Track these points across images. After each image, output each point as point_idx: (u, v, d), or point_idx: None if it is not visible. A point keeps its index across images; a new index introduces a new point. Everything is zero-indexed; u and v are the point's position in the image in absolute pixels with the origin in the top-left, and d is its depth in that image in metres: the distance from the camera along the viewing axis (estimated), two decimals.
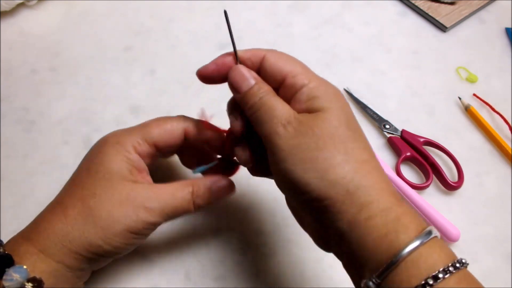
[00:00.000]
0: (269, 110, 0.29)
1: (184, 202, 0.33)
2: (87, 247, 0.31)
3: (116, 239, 0.31)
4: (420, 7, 0.61)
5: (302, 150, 0.28)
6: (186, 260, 0.41)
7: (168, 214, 0.33)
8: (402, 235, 0.26)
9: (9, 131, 0.49)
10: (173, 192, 0.33)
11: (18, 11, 0.60)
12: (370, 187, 0.27)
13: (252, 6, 0.62)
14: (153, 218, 0.32)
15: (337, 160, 0.28)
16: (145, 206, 0.31)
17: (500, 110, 0.51)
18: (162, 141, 0.34)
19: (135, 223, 0.31)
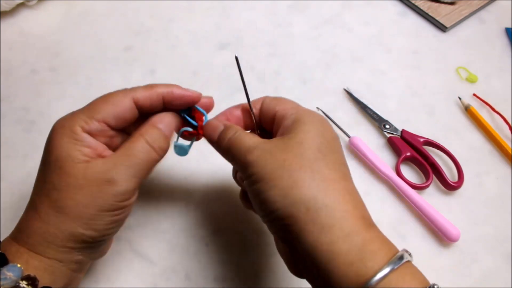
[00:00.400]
0: (237, 145, 0.31)
1: (143, 154, 0.31)
2: (71, 238, 0.30)
3: (95, 222, 0.30)
4: (420, 7, 0.61)
5: (269, 171, 0.29)
6: (186, 260, 0.41)
7: (134, 175, 0.30)
8: (370, 262, 0.25)
9: (9, 131, 0.49)
10: (128, 153, 0.31)
11: (18, 11, 0.60)
12: (333, 208, 0.27)
13: (252, 6, 0.62)
14: (120, 187, 0.30)
15: (301, 178, 0.28)
16: (106, 179, 0.30)
17: (500, 110, 0.51)
18: (111, 116, 0.32)
19: (104, 200, 0.30)
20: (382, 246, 0.27)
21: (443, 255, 0.42)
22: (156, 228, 0.42)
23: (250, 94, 0.53)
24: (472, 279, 0.41)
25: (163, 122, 0.33)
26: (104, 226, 0.30)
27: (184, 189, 0.45)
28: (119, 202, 0.30)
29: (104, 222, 0.30)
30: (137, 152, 0.31)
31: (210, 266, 0.40)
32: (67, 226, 0.30)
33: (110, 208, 0.30)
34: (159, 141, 0.32)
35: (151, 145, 0.32)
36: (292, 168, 0.28)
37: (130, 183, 0.30)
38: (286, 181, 0.28)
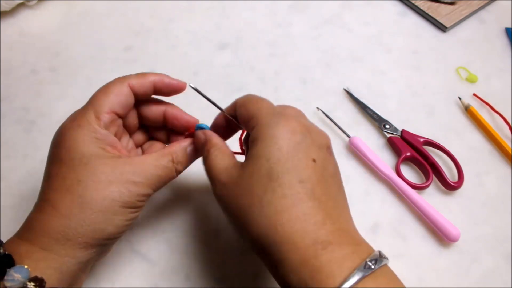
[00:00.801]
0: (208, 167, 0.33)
1: (167, 170, 0.34)
2: (92, 234, 0.30)
3: (117, 217, 0.31)
4: (420, 7, 0.61)
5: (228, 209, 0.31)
6: (186, 260, 0.41)
7: (155, 184, 0.33)
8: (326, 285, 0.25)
9: (9, 131, 0.49)
10: (155, 164, 0.33)
11: (18, 11, 0.60)
12: (282, 244, 0.27)
13: (252, 6, 0.62)
14: (143, 190, 0.32)
15: (252, 218, 0.28)
16: (133, 180, 0.32)
17: (500, 110, 0.51)
18: (117, 105, 0.34)
19: (129, 198, 0.31)
20: (337, 268, 0.26)
21: (443, 255, 0.42)
22: (156, 228, 0.42)
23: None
24: (472, 279, 0.41)
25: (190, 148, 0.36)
26: (124, 223, 0.32)
27: (184, 189, 0.45)
28: (139, 202, 0.32)
29: (124, 218, 0.31)
30: (163, 167, 0.33)
31: (210, 266, 0.40)
32: (90, 221, 0.30)
33: (132, 205, 0.32)
34: (181, 165, 0.35)
35: (174, 165, 0.34)
36: (244, 206, 0.29)
37: (150, 190, 0.33)
38: (242, 220, 0.29)
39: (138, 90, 0.35)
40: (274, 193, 0.28)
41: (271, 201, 0.28)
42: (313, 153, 0.30)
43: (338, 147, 0.49)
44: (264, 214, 0.28)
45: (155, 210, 0.43)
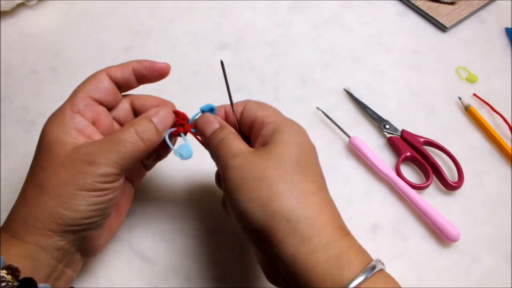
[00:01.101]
0: (225, 147, 0.32)
1: (130, 143, 0.32)
2: (52, 219, 0.30)
3: (75, 202, 0.30)
4: (420, 7, 0.61)
5: (247, 180, 0.29)
6: (186, 260, 0.41)
7: (116, 160, 0.31)
8: (346, 270, 0.26)
9: (9, 131, 0.49)
10: (114, 139, 0.32)
11: (18, 11, 0.60)
12: (312, 219, 0.28)
13: (252, 6, 0.62)
14: (100, 170, 0.30)
15: (280, 190, 0.28)
16: (89, 160, 0.30)
17: (500, 110, 0.51)
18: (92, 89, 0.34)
19: (84, 180, 0.30)
20: (357, 255, 0.28)
21: (443, 255, 0.42)
22: (156, 228, 0.42)
23: (251, 94, 0.53)
24: (472, 279, 0.41)
25: (157, 116, 0.34)
26: (85, 207, 0.30)
27: (184, 189, 0.45)
28: (99, 184, 0.30)
29: (85, 202, 0.30)
30: (124, 141, 0.32)
31: (210, 266, 0.40)
32: (48, 206, 0.30)
33: (90, 188, 0.30)
34: (148, 133, 0.33)
35: (140, 136, 0.32)
36: (271, 180, 0.29)
37: (110, 168, 0.31)
38: (265, 193, 0.28)
39: (116, 76, 0.35)
40: (304, 175, 0.30)
41: (301, 180, 0.29)
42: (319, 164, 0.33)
43: (338, 147, 0.49)
44: (293, 189, 0.29)
45: (155, 210, 0.43)
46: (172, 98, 0.39)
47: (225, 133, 0.33)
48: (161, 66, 0.36)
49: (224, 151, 0.32)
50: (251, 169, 0.30)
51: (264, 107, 0.35)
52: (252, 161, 0.30)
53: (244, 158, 0.31)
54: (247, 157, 0.31)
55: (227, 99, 0.36)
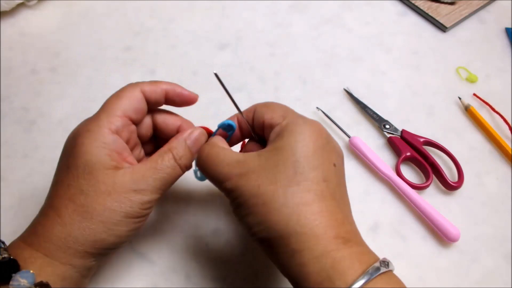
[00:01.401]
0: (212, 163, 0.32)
1: (170, 169, 0.33)
2: (93, 244, 0.30)
3: (119, 228, 0.31)
4: (420, 7, 0.61)
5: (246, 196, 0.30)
6: (186, 260, 0.41)
7: (160, 187, 0.32)
8: (338, 281, 0.26)
9: (9, 131, 0.49)
10: (155, 166, 0.32)
11: (18, 11, 0.60)
12: (304, 233, 0.28)
13: (252, 6, 0.62)
14: (146, 197, 0.31)
15: (274, 206, 0.29)
16: (134, 189, 0.31)
17: (500, 110, 0.51)
18: (130, 109, 0.34)
19: (131, 208, 0.31)
20: (354, 263, 0.27)
21: (443, 255, 0.42)
22: (156, 228, 0.42)
23: (251, 94, 0.53)
24: (472, 279, 0.41)
25: (191, 139, 0.34)
26: (126, 233, 0.31)
27: (184, 189, 0.45)
28: (143, 210, 0.32)
29: (127, 228, 0.31)
30: (165, 167, 0.33)
31: (210, 266, 0.40)
32: (91, 231, 0.30)
33: (135, 215, 0.31)
34: (185, 158, 0.34)
35: (178, 162, 0.33)
36: (266, 194, 0.29)
37: (155, 194, 0.32)
38: (261, 208, 0.29)
39: (150, 96, 0.35)
40: (300, 187, 0.29)
41: (296, 192, 0.29)
42: (333, 158, 0.32)
43: None
44: (287, 203, 0.28)
45: (155, 210, 0.43)
46: None
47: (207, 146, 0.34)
48: (190, 96, 0.36)
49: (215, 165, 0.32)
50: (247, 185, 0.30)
51: (271, 108, 0.34)
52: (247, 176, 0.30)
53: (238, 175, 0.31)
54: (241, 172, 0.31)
55: (227, 99, 0.36)
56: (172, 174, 0.33)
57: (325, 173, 0.30)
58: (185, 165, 0.34)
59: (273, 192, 0.29)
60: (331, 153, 0.32)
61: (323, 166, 0.30)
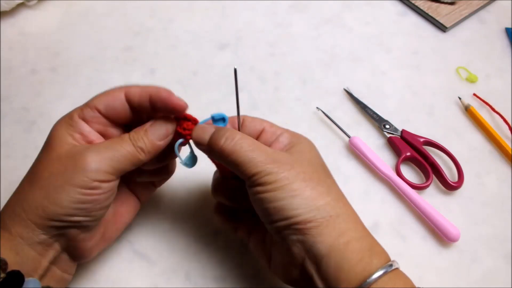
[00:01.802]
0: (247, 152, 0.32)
1: (124, 150, 0.32)
2: (35, 211, 0.30)
3: (59, 196, 0.30)
4: (420, 7, 0.61)
5: (290, 180, 0.31)
6: (186, 260, 0.41)
7: (110, 164, 0.31)
8: (375, 260, 0.30)
9: (9, 131, 0.49)
10: (109, 145, 0.32)
11: (18, 11, 0.60)
12: (348, 216, 0.32)
13: (252, 6, 0.62)
14: (93, 165, 0.31)
15: (321, 191, 0.31)
16: (83, 156, 0.31)
17: (500, 110, 0.51)
18: (102, 103, 0.34)
19: (72, 174, 0.30)
20: (382, 249, 0.31)
21: (443, 255, 0.42)
22: (156, 228, 0.42)
23: (251, 94, 0.53)
24: (472, 279, 0.41)
25: (153, 126, 0.34)
26: (69, 204, 0.30)
27: (185, 189, 0.45)
28: (88, 180, 0.30)
29: (69, 198, 0.30)
30: (118, 146, 0.32)
31: (210, 266, 0.40)
32: (35, 197, 0.30)
33: (77, 184, 0.30)
34: (142, 142, 0.33)
35: (134, 143, 0.33)
36: (312, 181, 0.31)
37: (102, 167, 0.31)
38: (310, 192, 0.31)
39: (133, 97, 0.34)
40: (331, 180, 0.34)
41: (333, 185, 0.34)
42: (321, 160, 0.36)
43: (338, 147, 0.49)
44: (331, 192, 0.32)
45: (155, 210, 0.43)
46: None
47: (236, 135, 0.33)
48: (178, 102, 0.34)
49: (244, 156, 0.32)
50: (290, 170, 0.31)
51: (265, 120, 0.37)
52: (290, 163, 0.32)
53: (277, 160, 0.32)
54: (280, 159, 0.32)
55: (227, 99, 0.36)
56: (125, 154, 0.32)
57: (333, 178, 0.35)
58: (142, 148, 0.33)
59: (318, 180, 0.32)
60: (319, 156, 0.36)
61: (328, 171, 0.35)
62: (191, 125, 0.35)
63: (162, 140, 0.34)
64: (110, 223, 0.36)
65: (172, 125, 0.34)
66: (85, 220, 0.32)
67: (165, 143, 0.34)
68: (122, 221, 0.37)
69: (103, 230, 0.35)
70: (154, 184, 0.40)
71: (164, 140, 0.34)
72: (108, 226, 0.36)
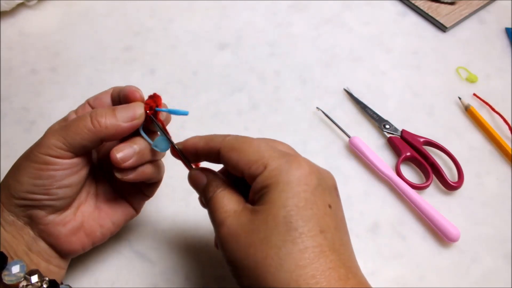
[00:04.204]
0: (212, 210, 0.30)
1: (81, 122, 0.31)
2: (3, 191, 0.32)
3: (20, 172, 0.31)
4: (420, 7, 0.61)
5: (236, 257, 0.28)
6: (186, 260, 0.41)
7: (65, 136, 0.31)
8: None
9: (9, 131, 0.49)
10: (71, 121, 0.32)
11: (18, 11, 0.60)
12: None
13: (252, 6, 0.62)
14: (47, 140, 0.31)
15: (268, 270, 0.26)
16: (44, 136, 0.32)
17: (500, 110, 0.51)
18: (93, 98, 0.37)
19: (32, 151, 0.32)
20: None
21: (443, 255, 0.42)
22: (156, 228, 0.42)
23: (251, 94, 0.53)
24: (472, 279, 0.41)
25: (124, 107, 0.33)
26: (27, 180, 0.31)
27: (184, 188, 0.45)
28: (41, 154, 0.31)
29: (27, 173, 0.31)
30: (76, 122, 0.32)
31: (210, 266, 0.40)
32: (6, 179, 0.33)
33: (33, 159, 0.31)
34: (101, 115, 0.32)
35: (92, 117, 0.32)
36: (257, 257, 0.26)
37: (55, 143, 0.31)
38: (253, 273, 0.26)
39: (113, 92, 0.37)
40: (295, 245, 0.26)
41: (290, 253, 0.26)
42: (328, 198, 0.28)
43: (338, 147, 0.49)
44: (283, 268, 0.25)
45: (155, 210, 0.43)
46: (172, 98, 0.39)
47: (211, 191, 0.31)
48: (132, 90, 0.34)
49: (212, 215, 0.30)
50: (237, 245, 0.27)
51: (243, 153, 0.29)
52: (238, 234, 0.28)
53: (230, 230, 0.28)
54: (232, 228, 0.28)
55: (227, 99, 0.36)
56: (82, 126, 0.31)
57: (320, 222, 0.27)
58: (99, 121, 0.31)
59: (265, 255, 0.26)
60: (324, 194, 0.28)
61: (317, 214, 0.27)
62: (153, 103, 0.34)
63: (127, 122, 0.32)
64: (91, 217, 0.35)
65: (140, 108, 0.33)
66: (45, 199, 0.32)
67: (130, 125, 0.32)
68: (107, 220, 0.36)
69: (80, 221, 0.34)
70: (146, 194, 0.38)
71: (130, 123, 0.32)
72: (88, 219, 0.35)
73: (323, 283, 0.25)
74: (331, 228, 0.27)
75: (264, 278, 0.26)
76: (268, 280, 0.26)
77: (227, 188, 0.31)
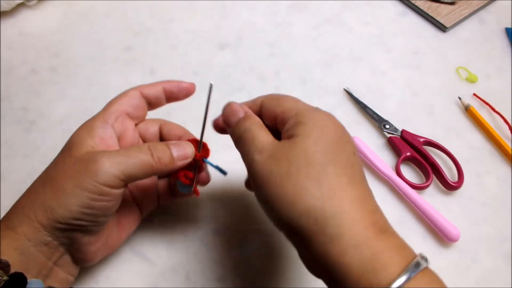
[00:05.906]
0: (250, 139, 0.31)
1: (140, 158, 0.32)
2: (44, 213, 0.30)
3: (68, 200, 0.30)
4: (420, 7, 0.61)
5: (274, 177, 0.28)
6: (186, 260, 0.41)
7: (123, 170, 0.31)
8: (381, 274, 0.25)
9: (9, 131, 0.49)
10: (126, 152, 0.32)
11: (18, 11, 0.60)
12: (341, 218, 0.26)
13: (252, 6, 0.62)
14: (105, 169, 0.30)
15: (307, 188, 0.27)
16: (96, 163, 0.30)
17: (500, 110, 0.51)
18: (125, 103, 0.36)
19: (85, 177, 0.30)
20: (394, 255, 0.26)
21: (443, 255, 0.42)
22: (156, 228, 0.42)
23: (251, 94, 0.53)
24: (472, 279, 0.41)
25: (177, 145, 0.34)
26: (77, 208, 0.30)
27: None
28: (98, 185, 0.30)
29: (78, 202, 0.30)
30: (133, 152, 0.32)
31: (210, 266, 0.40)
32: (45, 199, 0.30)
33: (88, 188, 0.30)
34: (161, 153, 0.33)
35: (152, 154, 0.32)
36: (298, 176, 0.27)
37: (112, 171, 0.30)
38: (292, 190, 0.27)
39: (148, 93, 0.37)
40: (333, 169, 0.28)
41: (327, 175, 0.27)
42: (352, 147, 0.30)
43: None
44: (322, 186, 0.27)
45: (155, 210, 0.43)
46: None
47: (250, 123, 0.32)
48: (187, 86, 0.38)
49: (248, 144, 0.30)
50: (277, 165, 0.28)
51: (282, 100, 0.32)
52: (277, 157, 0.28)
53: (270, 154, 0.29)
54: (271, 153, 0.29)
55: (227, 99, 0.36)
56: (141, 163, 0.32)
57: (352, 158, 0.29)
58: (160, 158, 0.32)
59: (305, 174, 0.27)
60: (349, 143, 0.30)
61: (347, 151, 0.29)
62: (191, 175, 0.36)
63: (181, 160, 0.34)
64: (114, 231, 0.36)
65: (192, 152, 0.35)
66: (91, 225, 0.32)
67: (182, 164, 0.34)
68: (124, 231, 0.38)
69: (106, 237, 0.35)
70: (159, 201, 0.40)
71: (182, 162, 0.34)
72: (112, 233, 0.36)
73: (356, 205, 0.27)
74: (358, 167, 0.29)
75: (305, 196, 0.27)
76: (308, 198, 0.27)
77: (263, 125, 0.32)
